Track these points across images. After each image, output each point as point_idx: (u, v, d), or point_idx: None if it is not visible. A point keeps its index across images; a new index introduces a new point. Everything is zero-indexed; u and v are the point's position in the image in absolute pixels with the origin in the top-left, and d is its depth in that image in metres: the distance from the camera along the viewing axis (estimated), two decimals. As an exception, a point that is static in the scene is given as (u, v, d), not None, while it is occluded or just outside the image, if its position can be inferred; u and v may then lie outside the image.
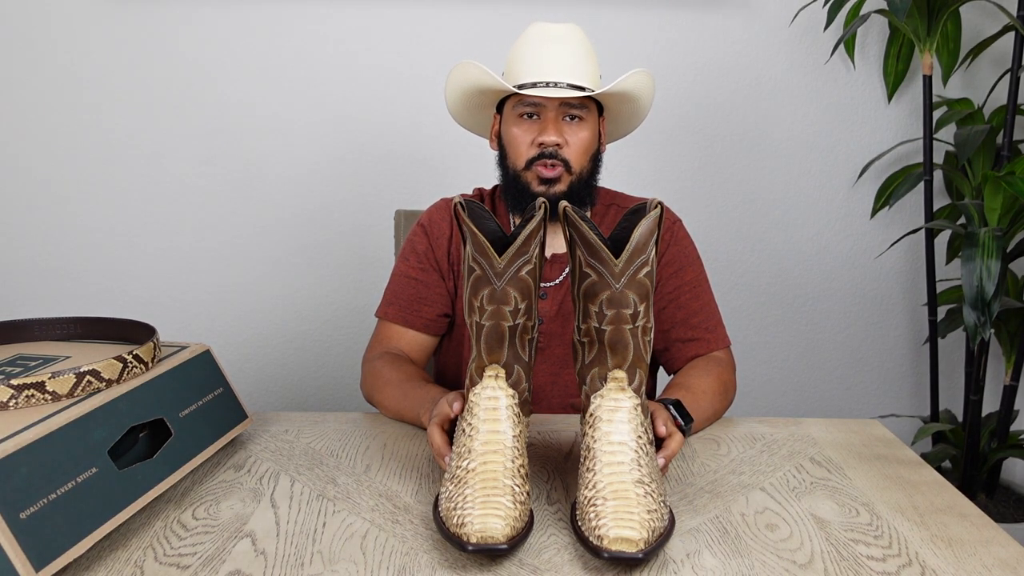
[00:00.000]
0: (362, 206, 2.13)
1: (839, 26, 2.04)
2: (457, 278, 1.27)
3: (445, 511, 0.79)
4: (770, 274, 2.20)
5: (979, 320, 1.62)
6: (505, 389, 0.83)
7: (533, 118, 1.18)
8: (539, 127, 1.17)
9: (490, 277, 0.82)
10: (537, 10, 2.03)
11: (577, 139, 1.17)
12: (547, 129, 1.16)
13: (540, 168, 1.17)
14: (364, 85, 2.07)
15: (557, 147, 1.16)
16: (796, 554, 0.80)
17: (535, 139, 1.17)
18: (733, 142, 2.12)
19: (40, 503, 0.71)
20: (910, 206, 2.16)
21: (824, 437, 1.11)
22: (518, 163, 1.19)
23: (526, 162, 1.18)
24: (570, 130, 1.17)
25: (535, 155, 1.17)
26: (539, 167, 1.17)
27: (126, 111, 2.07)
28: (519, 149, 1.18)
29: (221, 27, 2.03)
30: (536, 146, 1.17)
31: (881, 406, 2.28)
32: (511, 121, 1.20)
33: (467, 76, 1.19)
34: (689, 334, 1.24)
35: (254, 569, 0.76)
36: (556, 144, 1.16)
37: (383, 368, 1.19)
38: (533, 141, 1.17)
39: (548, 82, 1.13)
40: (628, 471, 0.78)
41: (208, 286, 2.17)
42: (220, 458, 1.02)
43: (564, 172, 1.17)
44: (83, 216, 2.12)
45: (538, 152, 1.16)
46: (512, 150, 1.20)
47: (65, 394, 0.83)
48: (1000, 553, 0.80)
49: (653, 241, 0.81)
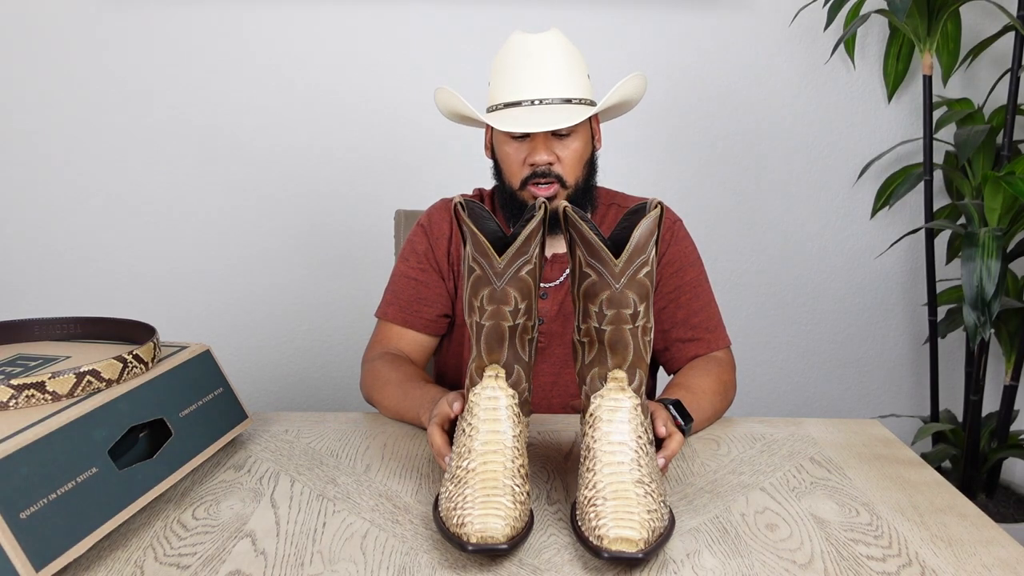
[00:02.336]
0: (362, 206, 2.13)
1: (839, 26, 2.04)
2: (457, 278, 1.27)
3: (445, 511, 0.79)
4: (770, 274, 2.20)
5: (979, 320, 1.62)
6: (505, 389, 0.83)
7: (522, 138, 1.17)
8: (529, 147, 1.16)
9: (490, 277, 0.82)
10: (537, 10, 2.03)
11: (569, 152, 1.17)
12: (537, 150, 1.15)
13: (535, 188, 1.17)
14: (364, 85, 2.07)
15: (549, 165, 1.16)
16: (796, 554, 0.80)
17: (526, 159, 1.17)
18: (733, 142, 2.12)
19: (40, 503, 0.71)
20: (910, 206, 2.16)
21: (824, 437, 1.11)
22: (513, 182, 1.19)
23: (520, 182, 1.18)
24: (561, 145, 1.17)
25: (528, 175, 1.17)
26: (533, 187, 1.17)
27: (126, 111, 2.07)
28: (512, 168, 1.19)
29: (220, 28, 2.03)
30: (528, 166, 1.17)
31: (881, 406, 2.28)
32: (501, 139, 1.20)
33: (447, 104, 1.20)
34: (689, 334, 1.24)
35: (254, 569, 0.76)
36: (548, 163, 1.16)
37: (383, 368, 1.19)
38: (524, 161, 1.17)
39: (533, 99, 1.13)
40: (628, 471, 0.78)
41: (208, 286, 2.17)
42: (220, 458, 1.02)
43: (559, 188, 1.18)
44: (83, 216, 2.12)
45: (531, 172, 1.17)
46: (506, 169, 1.20)
47: (65, 394, 0.83)
48: (1000, 553, 0.80)
49: (653, 241, 0.81)
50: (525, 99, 1.13)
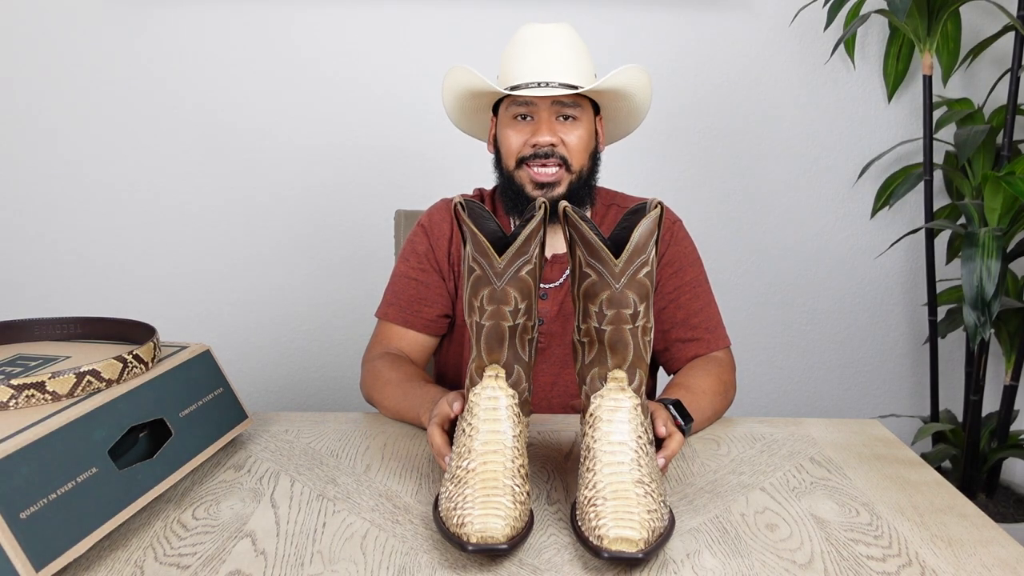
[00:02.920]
0: (362, 206, 2.13)
1: (839, 26, 2.04)
2: (458, 279, 1.27)
3: (445, 511, 0.79)
4: (770, 274, 2.20)
5: (979, 320, 1.62)
6: (505, 389, 0.83)
7: (527, 119, 1.18)
8: (533, 128, 1.17)
9: (490, 277, 0.82)
10: (538, 10, 2.03)
11: (573, 137, 1.17)
12: (540, 129, 1.16)
13: (534, 170, 1.17)
14: (364, 85, 2.07)
15: (552, 146, 1.16)
16: (796, 554, 0.80)
17: (528, 140, 1.17)
18: (733, 142, 2.12)
19: (40, 503, 0.71)
20: (910, 206, 2.16)
21: (824, 437, 1.11)
22: (510, 162, 1.19)
23: (517, 160, 1.18)
24: (564, 129, 1.17)
25: (528, 154, 1.17)
26: (533, 167, 1.17)
27: (126, 112, 2.07)
28: (511, 148, 1.19)
29: (220, 28, 2.03)
30: (530, 147, 1.17)
31: (881, 406, 2.27)
32: (505, 123, 1.20)
33: (459, 81, 1.20)
34: (689, 334, 1.24)
35: (254, 569, 0.76)
36: (551, 144, 1.16)
37: (383, 368, 1.19)
38: (527, 142, 1.17)
39: (540, 82, 1.13)
40: (628, 471, 0.78)
41: (208, 286, 2.17)
42: (220, 458, 1.02)
43: (563, 171, 1.17)
44: (83, 216, 2.12)
45: (532, 152, 1.16)
46: (505, 150, 1.20)
47: (65, 394, 0.83)
48: (1000, 553, 0.80)
49: (653, 241, 0.81)
50: (533, 81, 1.14)
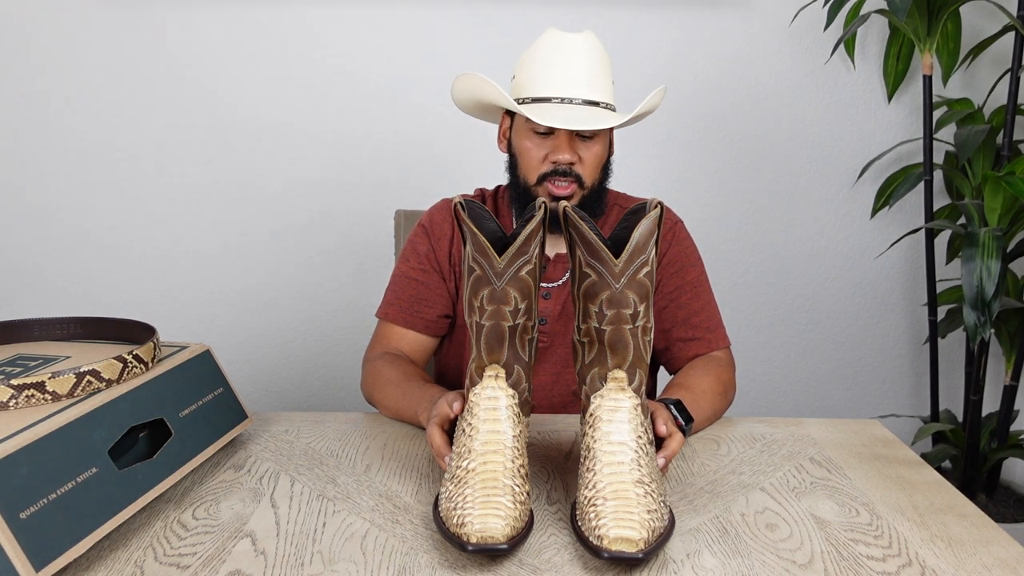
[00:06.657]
0: (362, 206, 2.13)
1: (839, 26, 2.04)
2: (458, 279, 1.27)
3: (445, 511, 0.79)
4: (770, 274, 2.20)
5: (979, 320, 1.62)
6: (505, 389, 0.83)
7: (546, 135, 1.17)
8: (552, 144, 1.16)
9: (490, 277, 0.82)
10: (538, 10, 2.02)
11: (590, 155, 1.17)
12: (561, 148, 1.15)
13: (552, 186, 1.17)
14: (364, 85, 2.07)
15: (570, 165, 1.16)
16: (796, 554, 0.80)
17: (547, 155, 1.16)
18: (733, 142, 2.12)
19: (40, 503, 0.71)
20: (910, 206, 2.16)
21: (824, 437, 1.11)
22: (530, 178, 1.18)
23: (538, 178, 1.18)
24: (583, 147, 1.16)
25: (548, 171, 1.16)
26: (551, 185, 1.17)
27: (126, 112, 2.07)
28: (531, 164, 1.18)
29: (221, 28, 2.03)
30: (549, 163, 1.16)
31: (881, 406, 2.28)
32: (523, 133, 1.18)
33: (474, 88, 1.18)
34: (689, 334, 1.24)
35: (254, 569, 0.76)
36: (570, 163, 1.15)
37: (383, 368, 1.19)
38: (546, 157, 1.16)
39: (562, 97, 1.12)
40: (628, 471, 0.78)
41: (208, 286, 2.17)
42: (220, 458, 1.02)
43: (577, 188, 1.17)
44: (83, 216, 2.12)
45: (551, 168, 1.16)
46: (524, 163, 1.19)
47: (65, 394, 0.83)
48: (1000, 553, 0.80)
49: (653, 241, 0.81)
50: (556, 96, 1.12)
